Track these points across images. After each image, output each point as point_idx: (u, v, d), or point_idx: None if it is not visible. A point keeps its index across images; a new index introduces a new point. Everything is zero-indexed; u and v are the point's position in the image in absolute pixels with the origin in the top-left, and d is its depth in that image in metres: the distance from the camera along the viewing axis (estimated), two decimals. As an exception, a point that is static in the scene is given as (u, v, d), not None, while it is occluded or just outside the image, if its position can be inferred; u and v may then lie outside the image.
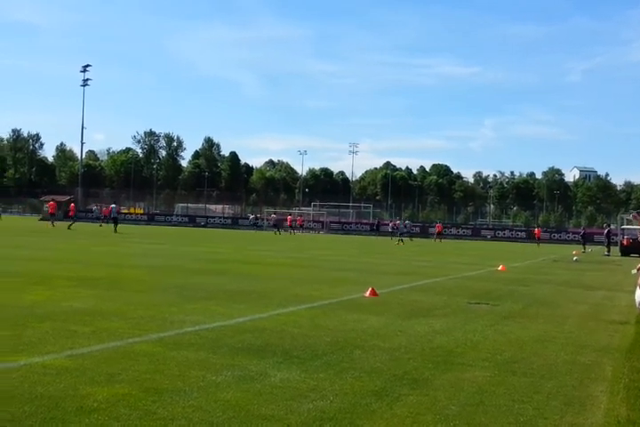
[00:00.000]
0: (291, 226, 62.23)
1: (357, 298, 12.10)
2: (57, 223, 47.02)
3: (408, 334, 8.39)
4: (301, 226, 66.90)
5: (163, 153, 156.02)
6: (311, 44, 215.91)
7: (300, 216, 73.88)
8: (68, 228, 43.38)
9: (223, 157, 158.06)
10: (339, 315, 9.82)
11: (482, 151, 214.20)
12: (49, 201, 58.73)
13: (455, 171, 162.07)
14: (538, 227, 70.11)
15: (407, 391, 5.62)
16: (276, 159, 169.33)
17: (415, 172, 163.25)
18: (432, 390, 5.72)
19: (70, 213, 51.65)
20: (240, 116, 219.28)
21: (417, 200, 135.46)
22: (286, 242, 40.49)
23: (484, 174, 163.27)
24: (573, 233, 66.18)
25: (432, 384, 5.92)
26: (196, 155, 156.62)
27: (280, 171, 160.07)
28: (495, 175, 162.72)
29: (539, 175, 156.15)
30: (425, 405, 5.25)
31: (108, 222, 51.11)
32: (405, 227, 51.60)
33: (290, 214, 72.14)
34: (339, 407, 5.06)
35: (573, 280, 19.05)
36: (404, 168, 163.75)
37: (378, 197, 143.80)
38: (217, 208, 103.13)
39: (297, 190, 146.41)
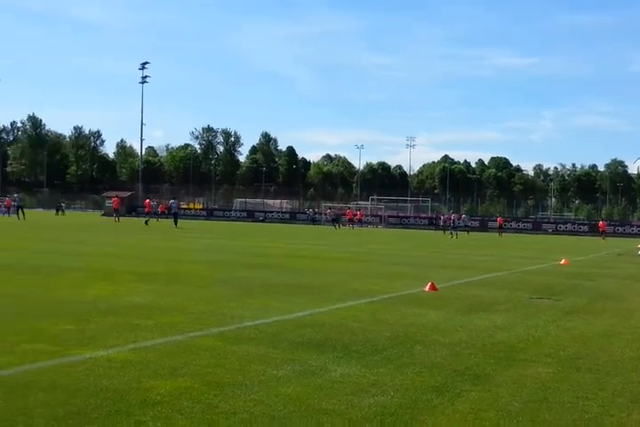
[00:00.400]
0: (350, 220, 62.26)
1: (417, 292, 12.03)
2: (121, 219, 47.77)
3: (468, 329, 8.31)
4: (360, 220, 66.86)
5: (220, 149, 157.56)
6: (365, 37, 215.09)
7: (359, 210, 73.86)
8: (145, 223, 44.06)
9: (280, 151, 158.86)
10: (398, 309, 9.78)
11: (542, 143, 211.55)
12: (112, 197, 59.71)
13: (514, 163, 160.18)
14: (602, 220, 68.63)
15: (469, 387, 5.56)
16: (333, 154, 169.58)
17: (474, 165, 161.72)
18: (494, 386, 5.65)
19: (147, 210, 52.19)
20: (296, 111, 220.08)
21: (476, 194, 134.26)
22: (344, 236, 40.49)
23: (545, 167, 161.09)
24: (638, 226, 64.80)
25: (494, 380, 5.84)
26: (254, 150, 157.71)
27: (337, 165, 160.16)
28: (556, 168, 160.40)
29: (601, 167, 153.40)
30: (487, 401, 5.18)
31: (159, 219, 51.76)
32: (462, 220, 51.19)
33: (349, 209, 72.13)
34: (399, 403, 5.03)
35: (639, 274, 18.64)
36: (461, 161, 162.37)
37: (436, 191, 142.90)
38: (275, 203, 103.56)
39: (354, 185, 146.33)
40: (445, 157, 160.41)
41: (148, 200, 55.56)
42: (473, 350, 7.02)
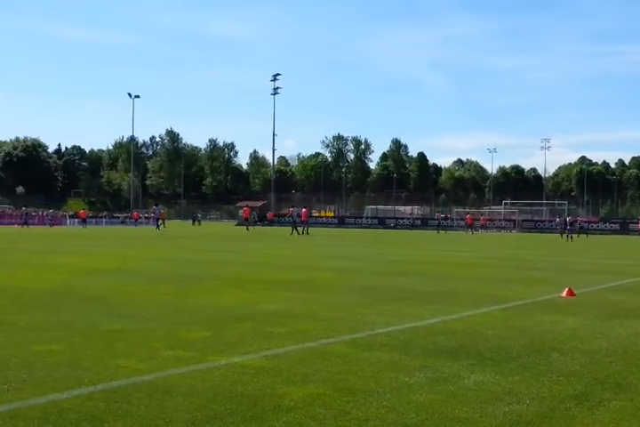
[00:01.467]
0: (471, 225, 62.10)
1: (553, 298, 11.67)
2: (251, 228, 48.90)
3: (609, 337, 7.98)
4: (483, 226, 66.61)
5: (351, 156, 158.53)
6: (498, 40, 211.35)
7: (482, 215, 73.25)
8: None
9: (411, 157, 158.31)
10: (534, 316, 9.52)
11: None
12: (243, 207, 61.57)
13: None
14: None
15: (609, 396, 5.34)
16: (464, 158, 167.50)
17: (613, 166, 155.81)
18: (637, 395, 5.40)
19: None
20: (427, 116, 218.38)
21: (615, 195, 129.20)
22: (476, 242, 39.87)
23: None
24: None
25: (637, 389, 5.58)
26: (384, 157, 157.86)
27: (469, 170, 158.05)
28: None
29: None
30: (629, 411, 4.96)
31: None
32: (578, 223, 49.91)
33: (468, 214, 71.81)
34: (536, 411, 4.88)
35: None
36: (600, 162, 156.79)
37: (573, 194, 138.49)
38: (406, 209, 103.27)
39: (487, 189, 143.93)
40: (583, 159, 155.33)
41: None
42: (614, 358, 6.74)
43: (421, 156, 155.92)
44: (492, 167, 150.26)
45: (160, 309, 9.58)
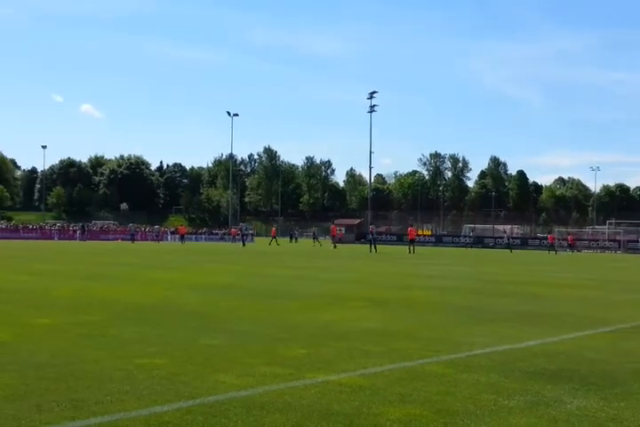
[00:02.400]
0: (551, 245, 60.95)
1: (660, 322, 11.23)
2: (345, 245, 49.04)
3: None
4: (571, 245, 65.45)
5: (449, 174, 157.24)
6: (599, 54, 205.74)
7: (569, 235, 71.94)
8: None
9: (510, 175, 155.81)
10: (640, 340, 9.18)
11: None
12: (332, 225, 62.53)
13: None
14: None
15: None
16: (566, 176, 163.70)
17: None
18: None
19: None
20: (527, 134, 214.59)
21: None
22: (577, 262, 38.83)
23: None
24: None
25: None
26: (483, 175, 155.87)
27: (571, 188, 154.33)
28: None
29: None
30: None
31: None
32: None
33: (549, 233, 70.61)
34: (643, 440, 4.70)
35: None
36: None
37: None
38: (505, 228, 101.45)
39: (589, 208, 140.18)
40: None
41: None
42: None
43: (521, 174, 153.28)
44: (594, 186, 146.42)
45: (258, 325, 9.68)
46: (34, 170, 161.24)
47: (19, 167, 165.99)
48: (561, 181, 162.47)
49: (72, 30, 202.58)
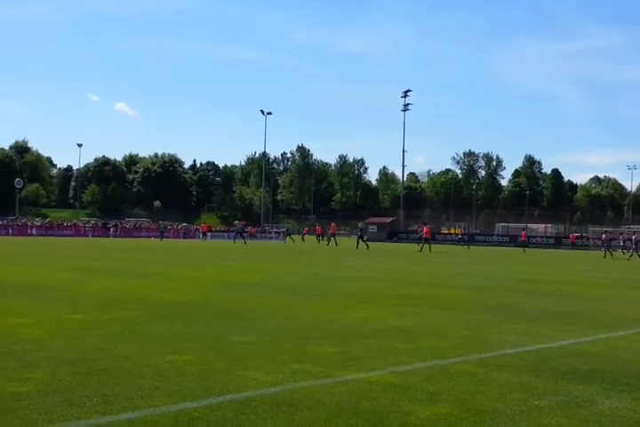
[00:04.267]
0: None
1: (696, 323, 11.06)
2: (377, 244, 48.74)
3: None
4: (603, 244, 64.60)
5: (482, 173, 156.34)
6: (635, 51, 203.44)
7: (605, 232, 71.05)
8: (421, 250, 44.05)
9: (545, 174, 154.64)
10: (675, 341, 9.05)
11: None
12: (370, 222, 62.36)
13: None
14: None
15: None
16: (602, 175, 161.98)
17: None
18: None
19: (425, 236, 48.06)
20: (562, 132, 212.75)
21: None
22: (612, 262, 38.38)
23: None
24: None
25: None
26: (517, 173, 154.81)
27: (607, 187, 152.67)
28: None
29: None
30: None
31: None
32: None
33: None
34: (676, 442, 4.63)
35: None
36: None
37: None
38: (539, 227, 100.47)
39: (626, 208, 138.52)
40: None
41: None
42: None
43: (556, 172, 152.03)
44: (631, 185, 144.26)
45: (289, 322, 9.69)
46: (69, 168, 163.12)
47: (54, 165, 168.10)
48: (596, 179, 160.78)
49: (109, 30, 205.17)
